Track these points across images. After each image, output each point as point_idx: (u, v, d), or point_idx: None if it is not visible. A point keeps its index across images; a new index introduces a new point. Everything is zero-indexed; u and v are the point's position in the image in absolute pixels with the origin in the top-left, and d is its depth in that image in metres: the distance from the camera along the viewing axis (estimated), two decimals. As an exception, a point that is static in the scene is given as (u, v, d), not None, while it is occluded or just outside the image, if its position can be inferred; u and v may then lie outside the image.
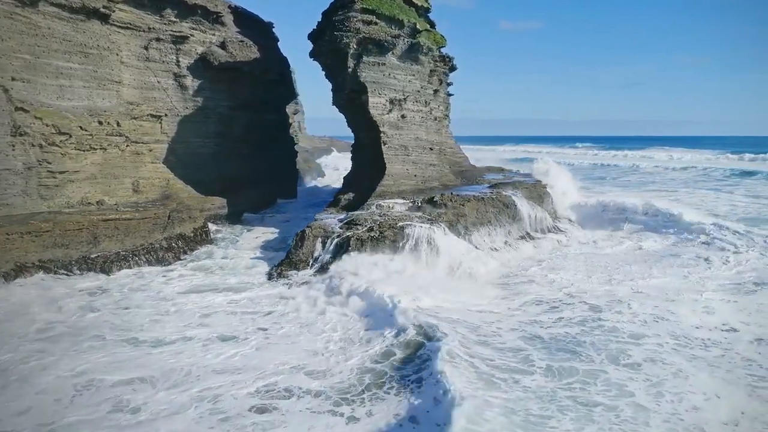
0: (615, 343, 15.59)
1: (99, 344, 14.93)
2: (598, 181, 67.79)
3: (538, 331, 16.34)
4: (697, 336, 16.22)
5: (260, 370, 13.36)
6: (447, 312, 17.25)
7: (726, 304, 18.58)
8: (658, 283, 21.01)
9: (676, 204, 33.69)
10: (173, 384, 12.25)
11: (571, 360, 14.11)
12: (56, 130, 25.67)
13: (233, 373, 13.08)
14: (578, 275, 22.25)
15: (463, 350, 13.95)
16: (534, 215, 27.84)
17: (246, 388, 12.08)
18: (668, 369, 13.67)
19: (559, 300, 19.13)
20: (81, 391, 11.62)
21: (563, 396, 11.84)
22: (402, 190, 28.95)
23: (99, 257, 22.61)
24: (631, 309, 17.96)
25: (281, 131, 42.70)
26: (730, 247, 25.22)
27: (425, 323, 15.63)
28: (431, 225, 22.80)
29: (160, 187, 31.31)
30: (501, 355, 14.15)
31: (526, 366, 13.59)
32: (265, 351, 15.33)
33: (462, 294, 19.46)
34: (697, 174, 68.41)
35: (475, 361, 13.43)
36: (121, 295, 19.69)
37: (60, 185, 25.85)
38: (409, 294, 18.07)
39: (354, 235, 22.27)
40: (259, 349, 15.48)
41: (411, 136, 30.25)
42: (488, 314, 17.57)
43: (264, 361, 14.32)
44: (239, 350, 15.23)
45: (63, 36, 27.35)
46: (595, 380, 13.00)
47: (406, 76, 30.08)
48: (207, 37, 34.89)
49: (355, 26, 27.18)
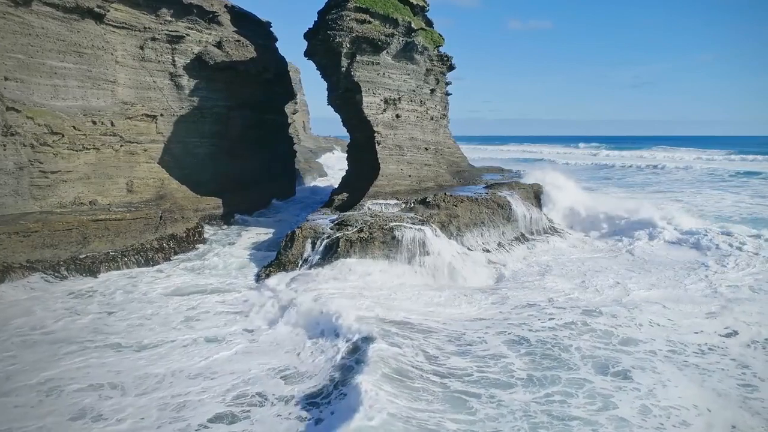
0: (603, 350, 15.24)
1: (77, 348, 14.73)
2: (603, 182, 67.19)
3: (526, 334, 15.97)
4: (694, 341, 15.84)
5: (237, 375, 13.13)
6: (421, 319, 16.69)
7: (725, 310, 18.11)
8: (656, 287, 20.58)
9: (676, 207, 33.21)
10: (143, 390, 12.04)
11: (554, 368, 13.74)
12: (49, 130, 25.61)
13: (208, 378, 12.86)
14: (573, 279, 21.81)
15: (399, 362, 13.24)
16: (529, 216, 27.45)
17: (217, 395, 11.83)
18: (657, 378, 13.21)
19: (551, 304, 18.74)
20: (45, 398, 11.42)
21: (538, 410, 11.32)
22: (396, 191, 28.66)
23: (87, 258, 22.51)
24: (625, 314, 17.57)
25: (280, 131, 42.54)
26: (730, 252, 24.64)
27: (367, 337, 14.61)
28: (422, 226, 22.50)
29: (154, 187, 31.26)
30: (482, 365, 13.67)
31: (506, 377, 13.10)
32: (246, 354, 15.12)
33: (448, 299, 19.07)
34: (703, 174, 67.53)
35: (424, 373, 12.86)
36: (106, 297, 19.53)
37: (52, 185, 25.82)
38: (380, 304, 17.54)
39: (343, 236, 22.02)
40: (241, 352, 15.27)
41: (406, 136, 29.96)
42: (476, 321, 17.10)
43: (243, 365, 14.10)
44: (220, 354, 15.01)
45: (57, 36, 27.31)
46: (578, 390, 12.57)
47: (401, 75, 29.78)
48: (203, 36, 34.77)
49: (349, 25, 26.92)
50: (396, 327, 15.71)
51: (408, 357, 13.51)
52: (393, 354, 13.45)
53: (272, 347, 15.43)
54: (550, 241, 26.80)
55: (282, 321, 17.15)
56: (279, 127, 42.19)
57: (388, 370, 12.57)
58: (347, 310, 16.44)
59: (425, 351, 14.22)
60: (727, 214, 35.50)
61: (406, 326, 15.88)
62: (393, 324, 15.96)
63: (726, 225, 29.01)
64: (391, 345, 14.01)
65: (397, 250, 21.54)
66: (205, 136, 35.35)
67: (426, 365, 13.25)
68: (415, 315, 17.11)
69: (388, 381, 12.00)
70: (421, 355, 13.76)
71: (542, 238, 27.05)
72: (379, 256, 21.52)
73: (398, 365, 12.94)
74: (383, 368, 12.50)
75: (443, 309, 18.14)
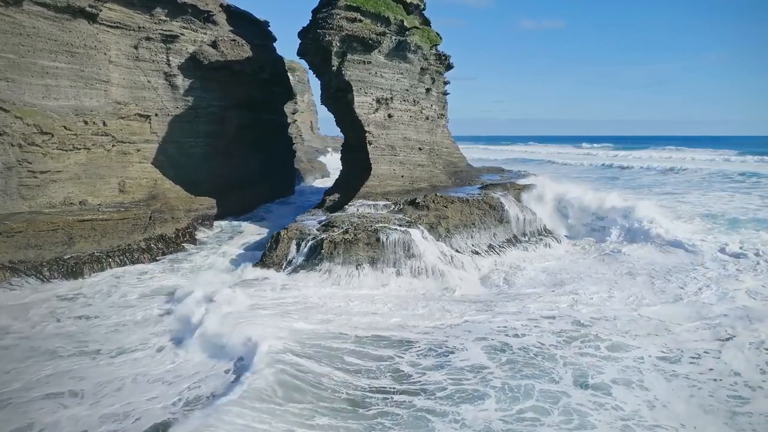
0: (590, 357, 14.73)
1: (49, 356, 14.46)
2: (611, 182, 66.14)
3: (510, 341, 15.55)
4: (690, 347, 15.32)
5: (195, 379, 12.83)
6: (399, 331, 16.10)
7: (724, 317, 17.48)
8: (653, 293, 19.91)
9: (677, 210, 32.37)
10: (99, 398, 11.78)
11: (531, 378, 13.26)
12: (38, 130, 25.54)
13: (166, 383, 12.58)
14: (566, 285, 21.18)
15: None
16: (522, 218, 26.86)
17: (167, 400, 11.53)
18: (642, 397, 12.66)
19: (539, 311, 18.19)
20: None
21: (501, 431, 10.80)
22: (388, 191, 28.26)
23: (71, 258, 22.40)
24: (617, 320, 17.05)
25: (278, 131, 42.32)
26: (728, 260, 23.77)
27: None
28: (408, 228, 22.09)
29: (147, 187, 31.15)
30: (458, 377, 13.20)
31: (482, 389, 12.63)
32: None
33: (430, 305, 18.56)
34: (714, 174, 66.10)
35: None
36: (86, 299, 19.28)
37: (41, 185, 25.77)
38: (345, 315, 16.90)
39: (328, 237, 21.68)
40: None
41: (399, 136, 29.54)
42: (459, 329, 16.52)
43: (206, 366, 13.80)
44: (190, 357, 14.75)
45: (48, 35, 27.27)
46: (553, 407, 12.06)
47: (394, 74, 29.37)
48: (198, 36, 34.64)
49: (339, 24, 26.58)
50: (358, 345, 14.93)
51: (363, 381, 12.85)
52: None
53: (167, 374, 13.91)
54: (544, 244, 26.15)
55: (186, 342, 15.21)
56: (277, 127, 41.98)
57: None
58: (265, 337, 14.00)
59: (397, 369, 13.64)
60: (734, 215, 34.53)
61: (381, 341, 15.36)
62: (355, 341, 15.14)
63: (731, 227, 28.23)
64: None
65: (381, 253, 21.15)
66: (200, 136, 35.22)
67: (395, 386, 12.71)
68: (392, 327, 16.52)
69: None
70: (388, 377, 13.16)
71: (535, 240, 26.46)
72: (363, 258, 21.14)
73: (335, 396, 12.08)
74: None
75: (424, 317, 17.54)
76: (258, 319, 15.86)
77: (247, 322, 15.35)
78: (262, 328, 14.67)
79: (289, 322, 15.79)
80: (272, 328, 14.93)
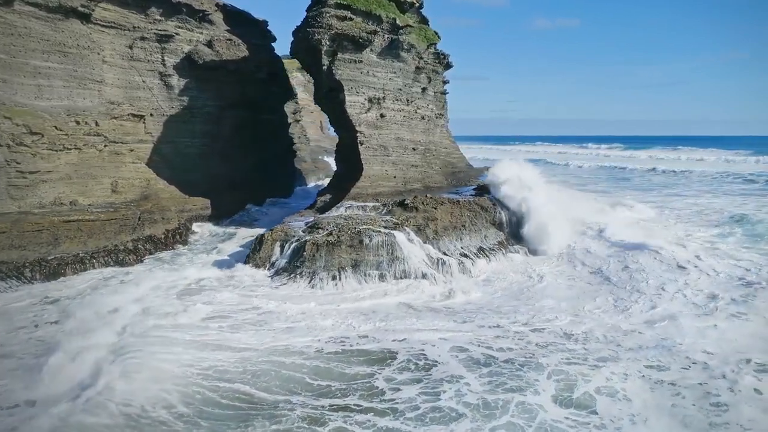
0: (577, 365, 14.15)
1: (15, 364, 14.18)
2: (621, 182, 64.99)
3: (493, 352, 15.08)
4: (682, 355, 14.79)
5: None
6: (377, 343, 15.63)
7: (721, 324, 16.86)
8: (647, 302, 19.16)
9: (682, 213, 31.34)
10: (49, 407, 11.52)
11: (511, 390, 12.76)
12: (27, 130, 25.49)
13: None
14: (558, 291, 20.48)
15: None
16: (516, 219, 26.20)
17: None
18: (625, 410, 12.17)
19: (529, 318, 17.61)
20: None
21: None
22: (379, 192, 27.80)
23: (55, 260, 22.28)
24: (608, 330, 16.44)
25: (277, 131, 42.03)
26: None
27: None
28: (393, 230, 21.62)
29: (140, 187, 31.03)
30: (433, 393, 12.76)
31: (456, 406, 12.19)
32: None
33: (412, 311, 18.01)
34: (726, 175, 64.59)
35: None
36: (61, 302, 18.91)
37: (31, 185, 25.71)
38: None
39: (311, 239, 21.30)
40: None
41: (391, 136, 29.07)
42: (441, 337, 16.00)
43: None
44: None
45: (41, 35, 27.27)
46: (531, 421, 11.59)
47: (387, 73, 28.91)
48: (194, 35, 34.53)
49: (328, 22, 26.20)
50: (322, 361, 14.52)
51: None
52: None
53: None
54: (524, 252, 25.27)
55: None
56: (276, 127, 41.71)
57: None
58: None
59: (373, 386, 13.11)
60: (741, 219, 33.44)
61: (350, 354, 14.92)
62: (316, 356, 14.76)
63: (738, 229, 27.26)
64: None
65: (364, 255, 20.71)
66: (195, 136, 35.10)
67: (363, 403, 12.27)
68: (363, 338, 16.06)
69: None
70: (357, 394, 12.69)
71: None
72: (346, 261, 20.72)
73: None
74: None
75: (404, 325, 16.95)
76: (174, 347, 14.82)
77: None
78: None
79: (210, 352, 14.68)
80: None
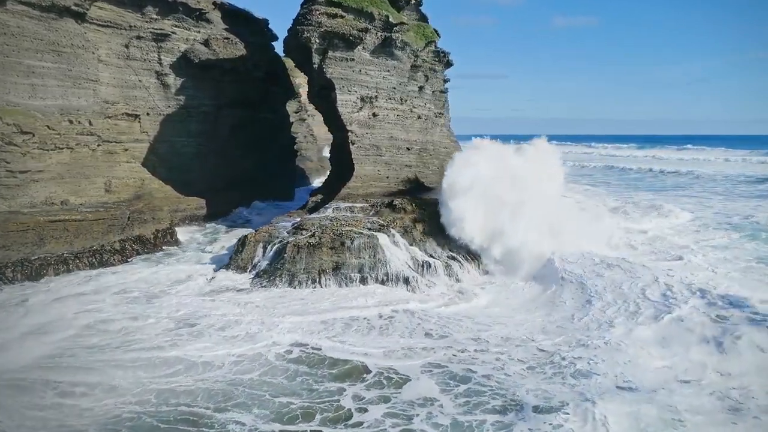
0: (556, 384, 13.42)
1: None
2: (635, 182, 63.55)
3: (470, 367, 14.47)
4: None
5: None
6: (350, 356, 15.12)
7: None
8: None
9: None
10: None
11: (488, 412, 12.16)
12: (18, 130, 25.49)
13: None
14: (546, 296, 19.65)
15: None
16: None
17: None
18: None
19: (504, 333, 16.90)
20: None
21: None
22: (370, 193, 27.27)
23: (38, 260, 22.19)
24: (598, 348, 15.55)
25: (277, 130, 41.69)
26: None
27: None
28: (377, 232, 21.09)
29: (134, 187, 30.97)
30: (403, 415, 12.22)
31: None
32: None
33: (389, 323, 17.34)
34: (742, 177, 62.51)
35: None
36: (38, 307, 18.61)
37: (22, 185, 25.72)
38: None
39: (293, 241, 20.88)
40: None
41: (384, 136, 28.50)
42: (416, 353, 15.45)
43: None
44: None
45: (34, 35, 27.25)
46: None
47: (380, 72, 28.34)
48: (191, 34, 34.37)
49: (318, 20, 25.74)
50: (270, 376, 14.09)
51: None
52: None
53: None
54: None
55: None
56: (276, 127, 41.36)
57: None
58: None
59: (339, 405, 12.58)
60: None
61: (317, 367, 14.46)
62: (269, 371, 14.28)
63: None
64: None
65: (345, 258, 20.22)
66: (192, 135, 34.95)
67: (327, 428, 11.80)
68: (332, 349, 15.55)
69: None
70: (330, 411, 12.23)
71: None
72: (327, 263, 20.25)
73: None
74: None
75: (382, 338, 16.31)
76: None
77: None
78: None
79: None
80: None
